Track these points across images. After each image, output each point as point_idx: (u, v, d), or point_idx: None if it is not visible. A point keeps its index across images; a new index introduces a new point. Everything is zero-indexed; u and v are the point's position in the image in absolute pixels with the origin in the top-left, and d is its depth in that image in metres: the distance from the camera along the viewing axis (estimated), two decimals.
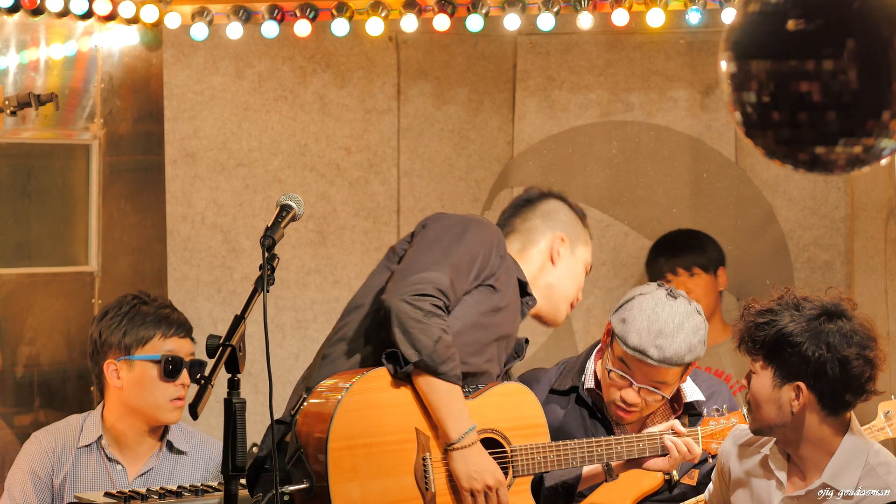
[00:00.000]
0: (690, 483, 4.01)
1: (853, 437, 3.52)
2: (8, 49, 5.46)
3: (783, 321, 3.46)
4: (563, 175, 6.11)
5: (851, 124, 2.41)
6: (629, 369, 3.97)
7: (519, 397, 3.80)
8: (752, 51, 2.45)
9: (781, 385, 3.47)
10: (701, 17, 5.43)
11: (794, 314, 3.47)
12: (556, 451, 3.76)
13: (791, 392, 3.46)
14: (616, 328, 3.99)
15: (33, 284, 5.64)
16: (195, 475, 4.38)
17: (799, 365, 3.45)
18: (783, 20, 2.40)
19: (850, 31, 2.37)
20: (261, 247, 3.32)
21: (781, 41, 2.41)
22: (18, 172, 5.67)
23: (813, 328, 3.45)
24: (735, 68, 2.47)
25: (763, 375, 3.50)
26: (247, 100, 5.97)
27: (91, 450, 4.38)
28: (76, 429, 4.42)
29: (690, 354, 3.97)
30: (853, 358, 3.43)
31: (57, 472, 4.35)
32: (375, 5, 5.58)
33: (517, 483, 3.74)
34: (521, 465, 3.72)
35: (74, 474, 4.35)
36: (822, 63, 2.37)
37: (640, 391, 3.97)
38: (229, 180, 5.96)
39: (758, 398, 3.52)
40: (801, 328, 3.45)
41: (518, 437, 3.75)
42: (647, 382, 3.97)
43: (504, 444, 3.73)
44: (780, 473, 3.57)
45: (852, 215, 5.88)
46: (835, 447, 3.50)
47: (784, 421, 3.49)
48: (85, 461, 4.37)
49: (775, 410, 3.49)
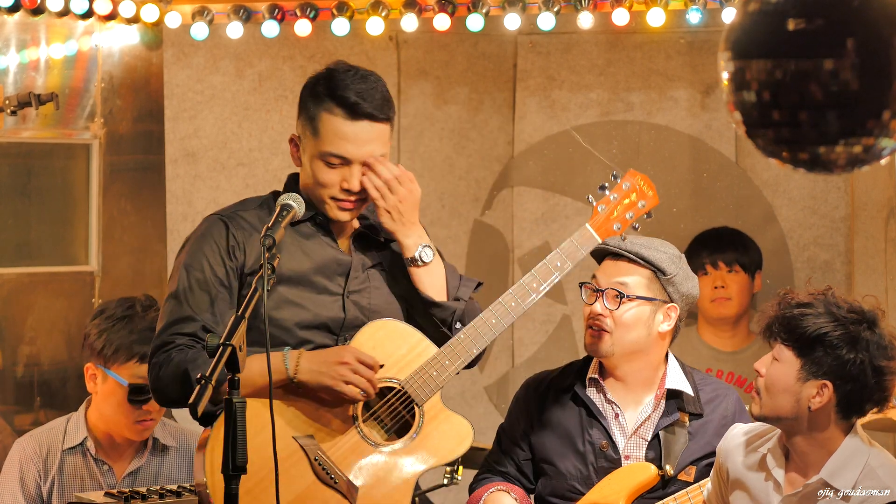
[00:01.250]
0: (687, 479, 4.01)
1: (855, 438, 3.52)
2: (8, 48, 5.46)
3: (823, 319, 3.46)
4: (562, 175, 6.11)
5: (852, 124, 2.41)
6: (594, 277, 4.07)
7: (383, 332, 3.69)
8: (752, 50, 2.45)
9: (807, 380, 3.47)
10: (701, 16, 5.44)
11: (834, 314, 3.47)
12: (450, 352, 3.66)
13: (814, 389, 3.46)
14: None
15: (33, 284, 5.64)
16: (182, 469, 4.37)
17: (832, 365, 3.44)
18: (783, 20, 2.40)
19: (851, 30, 2.37)
20: (261, 246, 3.32)
21: (782, 41, 2.41)
22: (19, 172, 5.68)
23: (852, 332, 3.45)
24: (735, 68, 2.47)
25: (789, 365, 3.49)
26: (247, 99, 5.98)
27: (76, 452, 4.36)
28: (60, 432, 4.38)
29: (648, 250, 4.01)
30: (887, 370, 3.45)
31: (44, 477, 4.33)
32: (376, 5, 5.59)
33: (429, 409, 3.65)
34: (421, 391, 3.64)
35: (62, 477, 4.32)
36: (823, 62, 2.37)
37: (605, 294, 4.01)
38: (229, 180, 5.96)
39: (776, 386, 3.50)
40: (841, 330, 3.45)
41: (406, 367, 3.65)
42: (607, 282, 4.02)
43: (394, 386, 3.64)
44: (777, 472, 3.56)
45: (852, 215, 5.88)
46: (836, 447, 3.50)
47: (796, 415, 3.48)
48: (71, 463, 4.35)
49: (791, 402, 3.48)
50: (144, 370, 4.17)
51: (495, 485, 4.06)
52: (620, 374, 4.09)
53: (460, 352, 3.67)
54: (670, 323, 4.06)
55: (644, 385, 4.09)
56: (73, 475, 4.33)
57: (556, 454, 4.08)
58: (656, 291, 4.03)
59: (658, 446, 4.03)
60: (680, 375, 4.10)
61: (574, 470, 4.05)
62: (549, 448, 4.10)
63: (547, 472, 4.10)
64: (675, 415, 4.03)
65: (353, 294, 3.72)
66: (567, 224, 6.06)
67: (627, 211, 3.91)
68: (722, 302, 5.72)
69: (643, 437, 4.05)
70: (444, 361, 3.65)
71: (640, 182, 3.96)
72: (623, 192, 3.92)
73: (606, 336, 4.04)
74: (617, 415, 4.08)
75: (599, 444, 4.04)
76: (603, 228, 3.88)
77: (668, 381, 4.08)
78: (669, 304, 4.04)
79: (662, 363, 4.11)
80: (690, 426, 4.05)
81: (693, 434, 4.04)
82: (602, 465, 4.04)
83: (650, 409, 4.07)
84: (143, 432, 4.31)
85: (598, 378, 4.12)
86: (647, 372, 4.08)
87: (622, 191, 3.92)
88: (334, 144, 3.64)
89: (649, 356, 4.07)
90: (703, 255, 5.69)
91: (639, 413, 4.07)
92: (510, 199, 6.20)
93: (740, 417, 4.08)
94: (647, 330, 4.03)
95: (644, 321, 4.02)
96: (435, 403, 3.68)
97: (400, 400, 3.66)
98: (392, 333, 3.69)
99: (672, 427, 4.04)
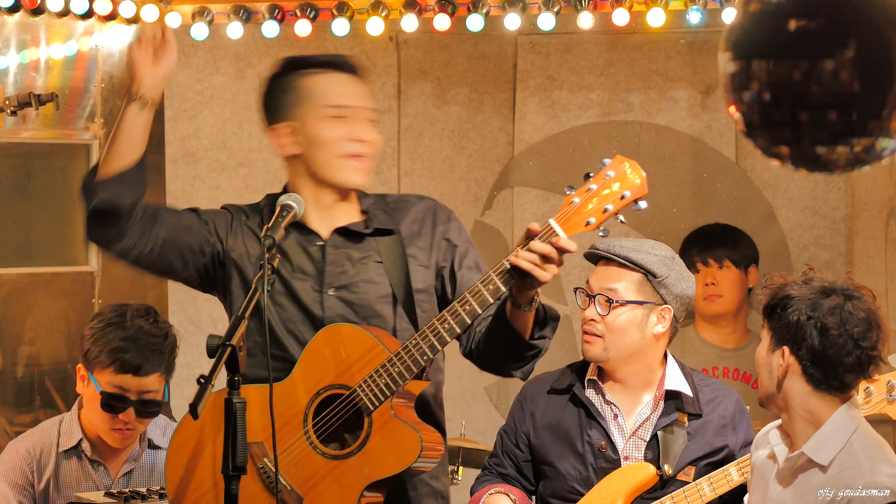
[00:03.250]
0: (686, 479, 4.01)
1: (843, 414, 3.51)
2: (8, 49, 5.46)
3: (791, 290, 3.47)
4: (563, 175, 6.11)
5: (852, 124, 2.41)
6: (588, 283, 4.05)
7: (333, 339, 3.55)
8: (752, 50, 2.45)
9: (773, 350, 3.50)
10: (701, 16, 5.44)
11: (804, 285, 3.48)
12: (401, 358, 3.47)
13: (780, 357, 3.48)
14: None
15: (33, 284, 5.65)
16: None
17: (784, 328, 3.46)
18: (784, 20, 2.40)
19: (851, 30, 2.37)
20: (261, 246, 3.32)
21: (782, 41, 2.41)
22: (19, 172, 5.68)
23: (811, 299, 3.45)
24: (735, 68, 2.47)
25: (765, 341, 3.53)
26: (247, 99, 5.97)
27: (72, 455, 4.34)
28: (54, 433, 4.37)
29: (637, 253, 3.99)
30: (832, 328, 3.43)
31: (38, 477, 4.32)
32: (376, 5, 5.59)
33: (378, 418, 3.48)
34: (370, 398, 3.49)
35: (57, 478, 4.32)
36: (823, 63, 2.37)
37: (596, 300, 4.00)
38: (229, 180, 5.96)
39: (757, 363, 3.55)
40: (802, 296, 3.46)
41: (357, 374, 3.50)
42: (598, 287, 4.01)
43: (344, 392, 3.52)
44: (778, 448, 3.58)
45: (852, 215, 5.88)
46: (823, 422, 3.51)
47: (773, 388, 3.51)
48: (67, 465, 4.34)
49: (767, 376, 3.51)
50: (120, 379, 4.21)
51: (494, 486, 4.07)
52: (619, 376, 4.09)
53: (412, 361, 3.47)
54: (665, 324, 4.06)
55: (643, 386, 4.09)
56: (69, 476, 4.33)
57: (556, 455, 4.08)
58: (648, 294, 4.02)
59: (657, 446, 4.03)
60: (679, 376, 4.10)
61: (573, 471, 4.05)
62: (548, 449, 4.10)
63: (547, 474, 4.10)
64: (674, 415, 4.03)
65: (340, 289, 3.64)
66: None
67: (606, 202, 3.40)
68: (713, 299, 5.75)
69: (642, 437, 4.05)
70: (394, 370, 3.48)
71: (627, 168, 3.45)
72: (604, 181, 3.41)
73: (599, 341, 4.04)
74: (616, 415, 4.08)
75: (598, 444, 4.04)
76: (571, 223, 3.40)
77: (667, 381, 4.08)
78: (663, 306, 4.03)
79: (661, 364, 4.11)
80: (689, 426, 4.05)
81: (692, 434, 4.04)
82: (601, 465, 4.03)
83: (649, 409, 4.07)
84: (122, 440, 4.29)
85: (597, 379, 4.12)
86: (645, 373, 4.08)
87: (602, 180, 3.41)
88: (336, 96, 3.63)
89: (646, 358, 4.08)
90: (694, 253, 5.72)
91: (638, 414, 4.07)
92: (510, 200, 6.20)
93: (740, 418, 4.08)
94: (641, 333, 4.03)
95: (637, 324, 4.01)
96: (384, 412, 3.49)
97: (349, 407, 3.52)
98: (346, 339, 3.54)
99: (671, 427, 4.04)
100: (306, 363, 3.55)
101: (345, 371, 3.52)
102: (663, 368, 4.10)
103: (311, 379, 3.53)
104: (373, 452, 3.47)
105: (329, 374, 3.53)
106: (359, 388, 3.49)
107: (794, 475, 3.54)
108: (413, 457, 3.45)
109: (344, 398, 3.50)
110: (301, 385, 3.53)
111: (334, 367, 3.52)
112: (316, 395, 3.53)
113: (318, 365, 3.54)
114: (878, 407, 3.92)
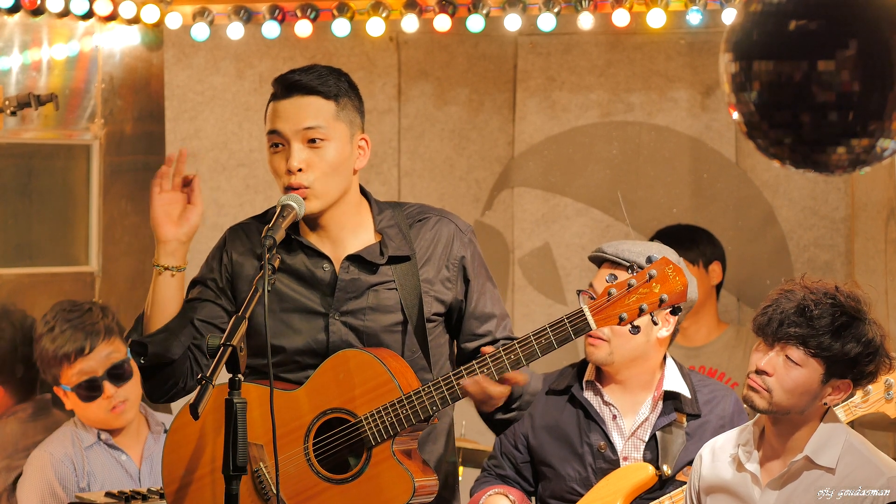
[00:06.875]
0: (685, 480, 4.01)
1: (830, 419, 3.60)
2: (11, 49, 5.46)
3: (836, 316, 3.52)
4: (563, 175, 6.11)
5: (853, 124, 2.41)
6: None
7: (351, 363, 3.49)
8: (753, 51, 2.45)
9: (828, 381, 3.53)
10: (701, 17, 5.44)
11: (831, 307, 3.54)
12: (411, 402, 3.42)
13: (838, 391, 3.55)
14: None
15: (33, 284, 5.64)
16: None
17: (846, 364, 3.52)
18: (784, 20, 2.41)
19: (852, 31, 2.38)
20: (261, 246, 3.32)
21: (783, 41, 2.42)
22: (19, 172, 5.68)
23: (859, 330, 3.54)
24: (736, 68, 2.47)
25: (812, 370, 3.52)
26: (247, 100, 5.98)
27: (95, 447, 4.48)
28: (71, 434, 4.52)
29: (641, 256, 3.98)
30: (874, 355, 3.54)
31: (80, 474, 4.42)
32: (376, 6, 5.59)
33: (377, 453, 3.45)
34: (374, 433, 3.44)
35: (93, 472, 4.42)
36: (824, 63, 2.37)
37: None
38: (230, 180, 5.96)
39: (799, 388, 3.53)
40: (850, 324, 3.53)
41: (365, 404, 3.46)
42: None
43: (349, 419, 3.47)
44: (751, 466, 3.60)
45: (852, 216, 5.88)
46: (815, 428, 3.57)
47: (804, 406, 3.54)
48: (95, 459, 4.47)
49: (809, 400, 3.54)
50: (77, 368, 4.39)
51: (493, 487, 4.07)
52: (620, 378, 4.09)
53: (421, 408, 3.43)
54: (669, 328, 4.06)
55: (642, 387, 4.09)
56: (101, 468, 4.47)
57: (555, 457, 4.08)
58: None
59: (655, 447, 4.03)
60: (677, 377, 4.11)
61: (573, 472, 4.06)
62: (547, 451, 4.10)
63: (546, 475, 4.10)
64: (673, 415, 4.04)
65: (346, 315, 3.55)
66: (567, 225, 6.06)
67: (643, 302, 3.37)
68: None
69: (641, 438, 4.06)
70: (402, 412, 3.43)
71: (670, 272, 3.38)
72: (645, 280, 3.38)
73: (604, 345, 4.04)
74: (615, 416, 4.09)
75: (597, 445, 4.04)
76: (603, 315, 3.39)
77: (666, 383, 4.08)
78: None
79: (660, 366, 4.11)
80: (688, 427, 4.05)
81: (691, 434, 4.05)
82: (600, 466, 4.04)
83: (648, 410, 4.07)
84: (121, 415, 4.45)
85: (596, 381, 4.12)
86: (645, 376, 4.09)
87: (644, 279, 3.38)
88: (270, 122, 3.61)
89: (648, 361, 4.08)
90: None
91: (636, 414, 4.08)
92: (510, 200, 6.20)
93: (738, 418, 4.09)
94: (646, 337, 4.03)
95: (642, 328, 4.00)
96: (384, 449, 3.45)
97: (352, 435, 3.48)
98: (363, 366, 3.49)
99: (669, 427, 4.05)
100: (318, 380, 3.51)
101: (354, 398, 3.48)
102: (662, 370, 4.10)
103: (319, 397, 3.49)
104: (365, 486, 3.46)
105: (338, 397, 3.49)
106: (364, 420, 3.46)
107: (793, 478, 3.56)
108: (403, 500, 3.44)
109: (349, 425, 3.47)
110: (307, 400, 3.50)
111: (345, 392, 3.48)
112: (322, 413, 3.49)
113: (328, 385, 3.50)
114: (875, 406, 3.94)
